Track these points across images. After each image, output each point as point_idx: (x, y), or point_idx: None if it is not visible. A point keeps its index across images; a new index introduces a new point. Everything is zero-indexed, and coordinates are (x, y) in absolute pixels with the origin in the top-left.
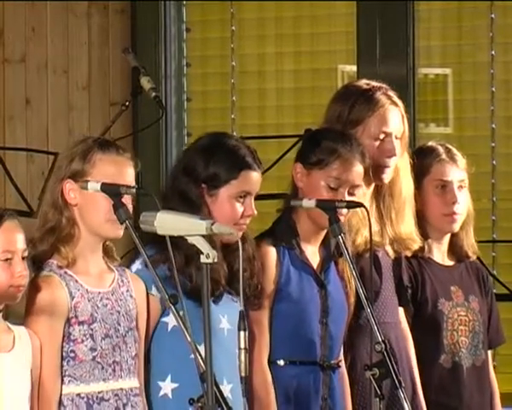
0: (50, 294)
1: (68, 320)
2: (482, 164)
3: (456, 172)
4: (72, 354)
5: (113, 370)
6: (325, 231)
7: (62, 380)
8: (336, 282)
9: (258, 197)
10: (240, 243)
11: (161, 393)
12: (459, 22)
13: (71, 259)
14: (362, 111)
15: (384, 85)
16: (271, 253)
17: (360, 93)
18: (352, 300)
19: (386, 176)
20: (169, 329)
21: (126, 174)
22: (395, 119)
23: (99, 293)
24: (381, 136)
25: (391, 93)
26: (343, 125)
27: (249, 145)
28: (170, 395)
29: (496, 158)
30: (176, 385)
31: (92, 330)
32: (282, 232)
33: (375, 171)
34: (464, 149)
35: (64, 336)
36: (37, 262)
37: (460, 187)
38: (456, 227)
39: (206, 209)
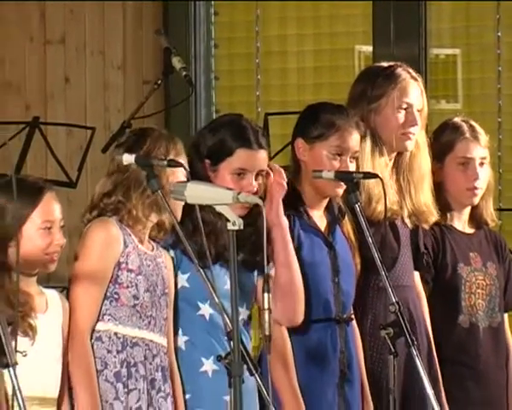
0: (107, 232)
1: (119, 264)
2: (489, 138)
3: (479, 150)
4: (115, 296)
5: (149, 322)
6: (328, 198)
7: (103, 318)
8: (343, 242)
9: None
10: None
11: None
12: (467, 5)
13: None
14: (384, 85)
15: (403, 64)
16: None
17: (382, 70)
18: (358, 259)
19: (410, 143)
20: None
21: (181, 159)
22: (415, 91)
23: (145, 253)
24: (404, 105)
25: (410, 69)
26: (367, 101)
27: (255, 125)
28: (183, 348)
29: (502, 133)
30: (186, 338)
31: (138, 280)
32: (290, 202)
33: (398, 140)
34: None
35: (112, 277)
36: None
37: (481, 164)
38: (476, 200)
39: None
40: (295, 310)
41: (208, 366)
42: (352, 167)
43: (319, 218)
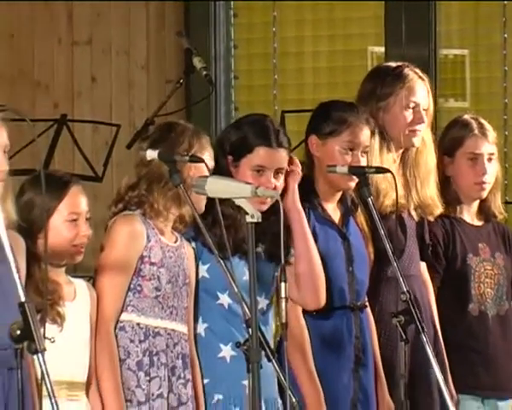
0: (131, 227)
1: (142, 257)
2: (496, 134)
3: (487, 146)
4: (138, 288)
5: (171, 312)
6: (341, 191)
7: (126, 309)
8: (356, 233)
9: None
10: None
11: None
12: (475, 8)
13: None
14: (393, 84)
15: (410, 64)
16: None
17: (390, 70)
18: (371, 249)
19: (417, 140)
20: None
21: (206, 153)
22: (422, 91)
23: (167, 245)
24: (411, 104)
25: (417, 70)
26: (376, 99)
27: (278, 126)
28: (203, 334)
29: (508, 129)
30: (206, 325)
31: (160, 273)
32: (305, 195)
33: (406, 137)
34: None
35: (135, 270)
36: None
37: (489, 159)
38: (484, 194)
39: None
40: (318, 293)
41: (226, 351)
42: (363, 162)
43: (333, 210)
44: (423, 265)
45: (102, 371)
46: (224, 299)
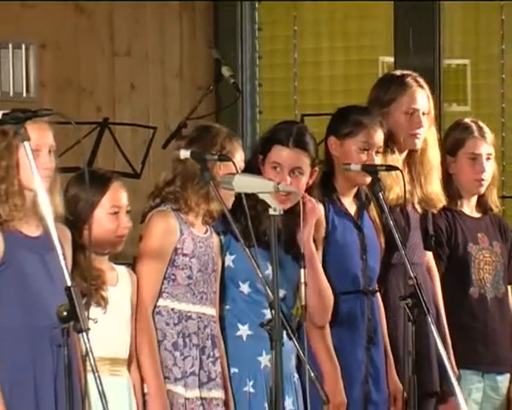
0: (166, 223)
1: (176, 249)
2: (494, 136)
3: (485, 147)
4: (172, 277)
5: (201, 297)
6: (357, 186)
7: (162, 295)
8: (370, 225)
9: None
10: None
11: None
12: (476, 22)
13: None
14: (395, 92)
15: (413, 73)
16: (320, 207)
17: (394, 79)
18: (382, 239)
19: (418, 142)
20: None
21: (237, 154)
22: (422, 98)
23: (198, 237)
24: (411, 111)
25: (419, 79)
26: (381, 105)
27: (303, 130)
28: (224, 315)
29: (505, 131)
30: (228, 307)
31: (191, 263)
32: (325, 190)
33: (407, 139)
34: None
35: (170, 261)
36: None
37: (487, 158)
38: (483, 190)
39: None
40: (324, 315)
41: (243, 331)
42: (377, 160)
43: (349, 204)
44: (429, 254)
45: (142, 350)
46: (244, 288)
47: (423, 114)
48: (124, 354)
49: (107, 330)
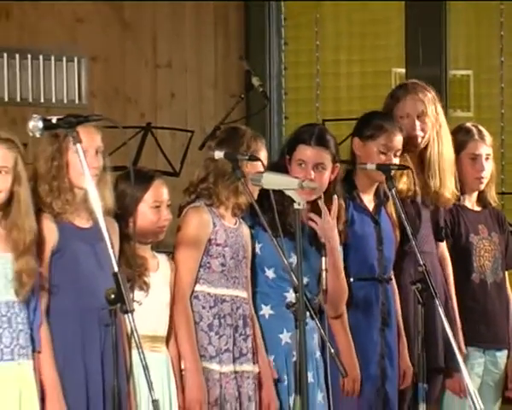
0: (200, 217)
1: (210, 240)
2: (494, 138)
3: (485, 148)
4: (208, 265)
5: (234, 282)
6: (376, 184)
7: (199, 281)
8: (386, 220)
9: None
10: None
11: None
12: (478, 38)
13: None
14: (399, 97)
15: (416, 81)
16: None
17: (398, 88)
18: (398, 232)
19: (422, 141)
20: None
21: (261, 153)
22: (411, 103)
23: (229, 228)
24: (405, 115)
25: (417, 86)
26: (389, 111)
27: (324, 131)
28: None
29: (504, 134)
30: (254, 289)
31: (224, 251)
32: (347, 188)
33: (411, 139)
34: None
35: (205, 251)
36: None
37: (487, 158)
38: (482, 187)
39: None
40: (339, 308)
41: (266, 311)
42: (395, 162)
43: (368, 201)
44: (443, 245)
45: (180, 330)
46: (269, 273)
47: (417, 116)
48: (163, 332)
49: (149, 311)
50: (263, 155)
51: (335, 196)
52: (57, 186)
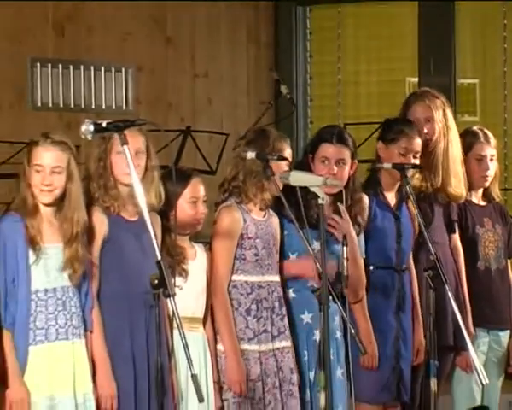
0: (232, 216)
1: (242, 235)
2: (498, 141)
3: (490, 150)
4: (243, 257)
5: (267, 269)
6: (398, 183)
7: (236, 272)
8: (406, 215)
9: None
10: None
11: None
12: (483, 50)
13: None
14: (410, 103)
15: (427, 89)
16: (365, 198)
17: (410, 95)
18: (417, 227)
19: (431, 143)
20: None
21: (286, 153)
22: (418, 108)
23: (259, 220)
24: (413, 118)
25: (424, 92)
26: (404, 116)
27: (342, 130)
28: None
29: (507, 137)
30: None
31: (256, 243)
32: (370, 185)
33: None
34: None
35: (238, 245)
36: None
37: (491, 159)
38: (487, 184)
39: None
40: (359, 293)
41: (289, 293)
42: (416, 162)
43: (391, 198)
44: (456, 236)
45: (218, 315)
46: (293, 258)
47: (425, 121)
48: (200, 314)
49: (188, 295)
50: (287, 153)
51: (342, 206)
52: (104, 184)
